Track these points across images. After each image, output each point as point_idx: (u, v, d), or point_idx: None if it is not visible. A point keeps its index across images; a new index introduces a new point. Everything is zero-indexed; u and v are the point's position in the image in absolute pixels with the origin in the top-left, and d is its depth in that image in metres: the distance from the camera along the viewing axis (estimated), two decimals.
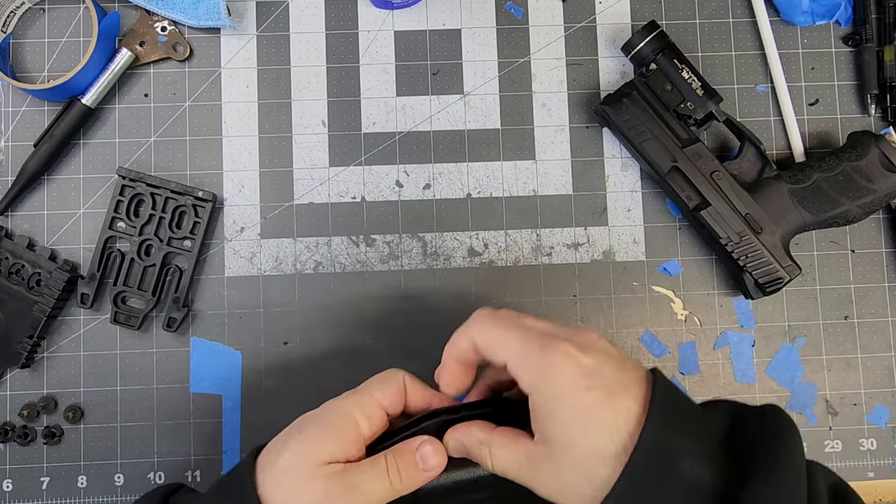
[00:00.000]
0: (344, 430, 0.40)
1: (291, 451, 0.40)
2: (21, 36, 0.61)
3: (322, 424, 0.41)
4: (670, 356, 0.60)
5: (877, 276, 0.61)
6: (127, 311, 0.58)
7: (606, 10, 0.62)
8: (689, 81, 0.57)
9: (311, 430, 0.41)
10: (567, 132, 0.62)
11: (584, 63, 0.62)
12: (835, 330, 0.61)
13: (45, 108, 0.60)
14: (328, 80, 0.61)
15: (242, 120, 0.61)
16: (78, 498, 0.58)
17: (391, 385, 0.43)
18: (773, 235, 0.57)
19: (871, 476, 0.60)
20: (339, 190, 0.61)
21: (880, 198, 0.57)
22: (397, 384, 0.43)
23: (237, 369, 0.59)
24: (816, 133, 0.62)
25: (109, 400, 0.59)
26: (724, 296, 0.61)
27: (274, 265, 0.60)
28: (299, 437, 0.40)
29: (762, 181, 0.58)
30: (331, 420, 0.41)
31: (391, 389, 0.42)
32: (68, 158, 0.60)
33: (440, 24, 0.62)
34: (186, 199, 0.58)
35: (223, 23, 0.60)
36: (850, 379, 0.61)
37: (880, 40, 0.61)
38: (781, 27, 0.63)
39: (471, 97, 0.62)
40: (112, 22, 0.59)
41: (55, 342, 0.59)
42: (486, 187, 0.61)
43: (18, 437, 0.58)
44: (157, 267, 0.58)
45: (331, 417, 0.41)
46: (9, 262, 0.58)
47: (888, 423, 0.60)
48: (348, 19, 0.62)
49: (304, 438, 0.40)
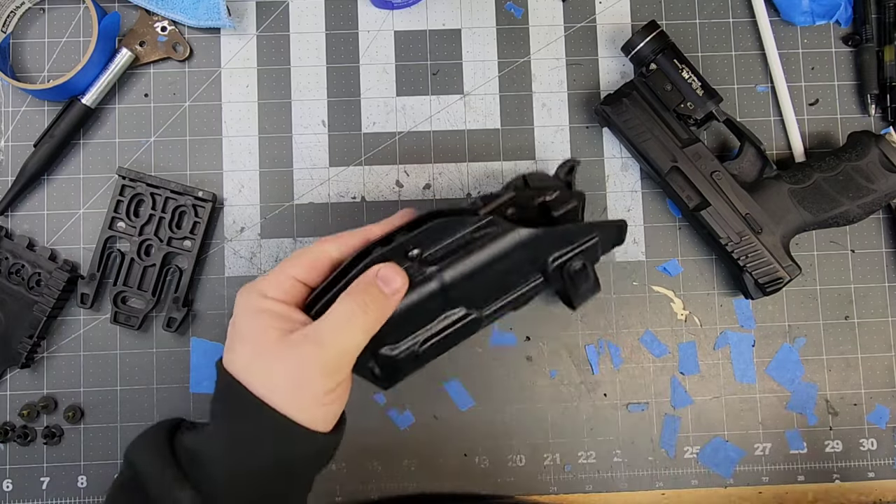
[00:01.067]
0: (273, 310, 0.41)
1: (243, 351, 0.40)
2: (21, 36, 0.61)
3: (249, 319, 0.41)
4: (670, 356, 0.60)
5: (877, 276, 0.61)
6: (127, 311, 0.58)
7: (606, 10, 0.62)
8: (689, 81, 0.57)
9: (243, 326, 0.41)
10: (567, 132, 0.62)
11: (584, 63, 0.62)
12: (835, 330, 0.61)
13: (45, 108, 0.60)
14: (328, 80, 0.61)
15: (242, 120, 0.61)
16: (78, 498, 0.58)
17: (305, 257, 0.43)
18: (773, 235, 0.57)
19: (871, 476, 0.60)
20: (339, 190, 0.61)
21: (880, 198, 0.57)
22: (312, 255, 0.43)
23: None
24: (816, 133, 0.62)
25: (109, 400, 0.59)
26: (724, 296, 0.61)
27: (274, 265, 0.60)
28: (238, 336, 0.41)
29: (762, 181, 0.58)
30: (252, 312, 0.42)
31: (304, 261, 0.43)
32: (68, 158, 0.60)
33: (440, 24, 0.62)
34: (186, 199, 0.58)
35: (223, 23, 0.60)
36: (850, 379, 0.61)
37: (880, 40, 0.61)
38: (781, 27, 0.63)
39: (471, 97, 0.62)
40: (112, 22, 0.59)
41: (55, 342, 0.59)
42: (486, 187, 0.61)
43: (18, 437, 0.58)
44: (157, 267, 0.58)
45: (252, 312, 0.42)
46: (9, 262, 0.58)
47: (888, 423, 0.60)
48: (348, 19, 0.62)
49: (241, 334, 0.41)
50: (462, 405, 0.60)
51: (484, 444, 0.59)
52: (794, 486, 0.60)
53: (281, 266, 0.43)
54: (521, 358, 0.60)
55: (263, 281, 0.43)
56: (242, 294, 0.43)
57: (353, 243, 0.44)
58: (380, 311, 0.41)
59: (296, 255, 0.43)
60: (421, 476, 0.59)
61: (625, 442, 0.60)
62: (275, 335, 0.40)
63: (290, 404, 0.39)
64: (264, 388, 0.39)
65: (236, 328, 0.42)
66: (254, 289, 0.42)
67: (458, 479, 0.59)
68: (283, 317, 0.41)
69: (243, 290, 0.43)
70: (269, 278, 0.43)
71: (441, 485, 0.59)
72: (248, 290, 0.43)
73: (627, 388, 0.60)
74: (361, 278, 0.41)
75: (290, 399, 0.39)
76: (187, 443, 0.41)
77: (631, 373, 0.60)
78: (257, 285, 0.42)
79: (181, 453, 0.40)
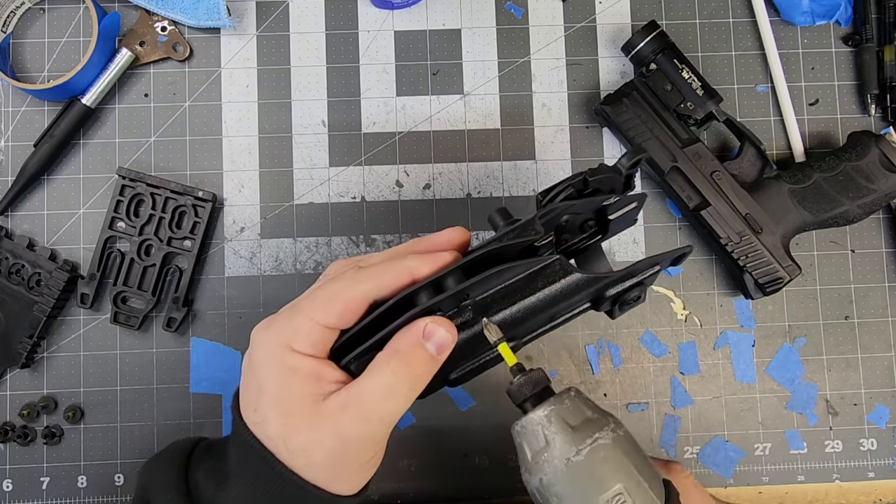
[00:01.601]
0: (296, 373, 0.36)
1: (274, 418, 0.36)
2: (21, 36, 0.61)
3: (277, 378, 0.37)
4: (670, 356, 0.60)
5: (877, 276, 0.61)
6: (127, 311, 0.58)
7: (606, 10, 0.62)
8: (689, 81, 0.57)
9: (270, 386, 0.36)
10: (567, 132, 0.62)
11: (584, 63, 0.62)
12: (835, 330, 0.61)
13: (45, 108, 0.60)
14: (328, 80, 0.61)
15: (242, 120, 0.61)
16: (78, 498, 0.58)
17: (337, 303, 0.36)
18: (773, 235, 0.57)
19: (871, 476, 0.60)
20: (339, 190, 0.61)
21: (880, 198, 0.57)
22: (346, 298, 0.36)
23: (237, 369, 0.59)
24: (816, 133, 0.62)
25: (109, 400, 0.59)
26: (724, 296, 0.61)
27: (274, 265, 0.60)
28: (266, 398, 0.37)
29: (762, 181, 0.58)
30: (279, 370, 0.37)
31: (337, 308, 0.36)
32: (68, 158, 0.60)
33: (440, 24, 0.62)
34: (186, 199, 0.58)
35: (223, 23, 0.60)
36: (850, 379, 0.61)
37: (880, 40, 0.61)
38: (781, 27, 0.63)
39: (471, 97, 0.62)
40: (112, 22, 0.59)
41: (55, 342, 0.59)
42: (486, 187, 0.61)
43: (18, 437, 0.58)
44: (157, 267, 0.58)
45: (279, 371, 0.37)
46: (9, 262, 0.58)
47: (888, 423, 0.60)
48: (348, 19, 0.62)
49: (270, 396, 0.36)
50: (462, 405, 0.60)
51: (484, 444, 0.59)
52: (794, 486, 0.60)
53: (309, 307, 0.37)
54: (522, 358, 0.60)
55: (288, 328, 0.37)
56: (264, 342, 0.37)
57: (395, 285, 0.37)
58: (427, 374, 0.37)
59: (326, 296, 0.37)
60: (421, 476, 0.59)
61: None
62: (309, 402, 0.36)
63: (327, 479, 0.37)
64: (299, 462, 0.36)
65: (261, 386, 0.37)
66: (278, 338, 0.37)
67: (458, 479, 0.59)
68: (316, 377, 0.36)
69: (264, 335, 0.37)
70: (297, 326, 0.37)
71: (441, 485, 0.59)
72: (271, 337, 0.37)
73: (627, 388, 0.60)
74: (407, 336, 0.36)
75: (328, 474, 0.37)
76: (207, 496, 0.37)
77: (631, 373, 0.60)
78: (282, 334, 0.37)
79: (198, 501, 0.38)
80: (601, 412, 0.36)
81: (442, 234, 0.40)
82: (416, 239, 0.41)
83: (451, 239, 0.40)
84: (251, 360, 0.38)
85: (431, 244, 0.40)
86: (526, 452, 0.35)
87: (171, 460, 0.40)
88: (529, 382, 0.36)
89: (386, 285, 0.37)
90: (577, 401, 0.35)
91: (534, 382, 0.36)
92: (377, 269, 0.37)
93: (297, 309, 0.37)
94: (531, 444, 0.35)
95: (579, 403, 0.35)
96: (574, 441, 0.33)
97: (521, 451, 0.35)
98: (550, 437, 0.34)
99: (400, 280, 0.37)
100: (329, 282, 0.38)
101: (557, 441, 0.34)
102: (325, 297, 0.37)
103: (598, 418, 0.35)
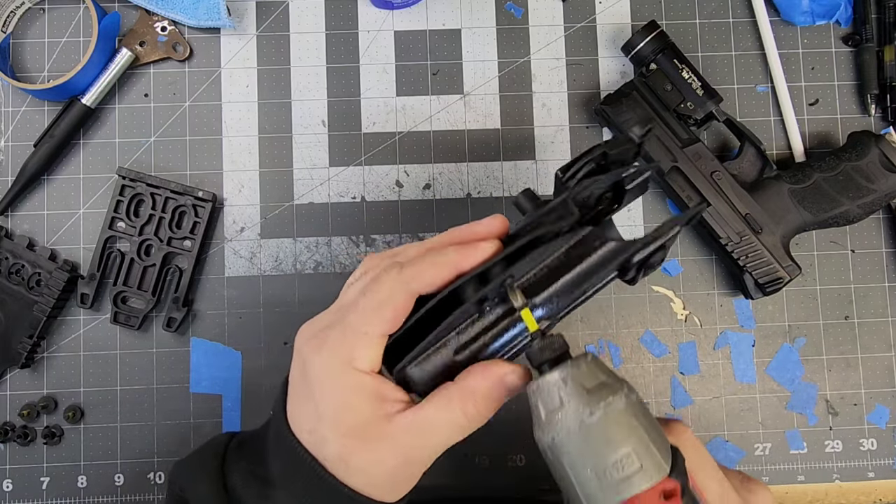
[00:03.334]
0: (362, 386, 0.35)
1: (334, 439, 0.36)
2: (21, 36, 0.61)
3: (338, 397, 0.36)
4: (670, 356, 0.60)
5: (877, 276, 0.61)
6: (127, 311, 0.58)
7: (606, 10, 0.62)
8: (689, 81, 0.57)
9: (331, 406, 0.36)
10: (567, 132, 0.62)
11: (584, 63, 0.62)
12: (835, 330, 0.61)
13: (45, 108, 0.60)
14: (328, 80, 0.61)
15: (242, 120, 0.61)
16: (78, 498, 0.58)
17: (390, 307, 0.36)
18: (773, 235, 0.57)
19: (871, 476, 0.60)
20: (339, 190, 0.61)
21: (880, 198, 0.57)
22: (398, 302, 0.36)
23: (237, 369, 0.59)
24: (816, 133, 0.62)
25: (109, 400, 0.59)
26: (724, 296, 0.61)
27: (274, 265, 0.60)
28: (326, 418, 0.36)
29: (762, 181, 0.58)
30: (341, 389, 0.36)
31: (390, 313, 0.36)
32: (68, 158, 0.60)
33: (440, 24, 0.62)
34: (186, 199, 0.58)
35: (223, 23, 0.60)
36: (850, 379, 0.61)
37: (880, 40, 0.61)
38: (781, 27, 0.63)
39: (471, 97, 0.62)
40: (112, 22, 0.59)
41: (55, 342, 0.59)
42: (486, 187, 0.61)
43: (18, 437, 0.58)
44: (157, 267, 0.58)
45: (340, 389, 0.36)
46: (9, 262, 0.58)
47: (888, 423, 0.60)
48: (348, 19, 0.62)
49: (331, 418, 0.36)
50: None
51: (484, 445, 0.59)
52: (794, 486, 0.60)
53: (362, 321, 0.36)
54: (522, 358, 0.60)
55: (345, 345, 0.36)
56: (321, 362, 0.36)
57: (440, 281, 0.36)
58: (488, 414, 0.37)
59: (376, 305, 0.36)
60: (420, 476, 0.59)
61: None
62: (373, 423, 0.35)
63: (382, 493, 0.36)
64: (358, 480, 0.36)
65: (321, 407, 0.36)
66: (336, 357, 0.36)
67: (459, 479, 0.59)
68: (380, 397, 0.36)
69: (319, 354, 0.36)
70: (354, 343, 0.36)
71: (441, 485, 0.59)
72: (328, 356, 0.36)
73: None
74: (484, 379, 0.36)
75: (384, 490, 0.36)
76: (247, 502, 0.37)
77: (631, 373, 0.60)
78: (340, 352, 0.36)
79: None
80: (616, 377, 0.36)
81: (481, 224, 0.39)
82: (454, 229, 0.39)
83: (490, 229, 0.39)
84: (307, 379, 0.36)
85: (471, 234, 0.38)
86: (540, 411, 0.35)
87: (207, 461, 0.39)
88: (549, 346, 0.36)
89: (432, 282, 0.36)
90: (593, 365, 0.36)
91: (554, 346, 0.36)
92: (421, 266, 0.36)
93: (349, 324, 0.36)
94: (546, 403, 0.35)
95: (595, 368, 0.36)
96: (588, 403, 0.34)
97: (536, 410, 0.36)
98: (565, 398, 0.35)
99: (445, 275, 0.36)
100: (374, 286, 0.36)
101: (572, 402, 0.34)
102: (375, 305, 0.36)
103: (612, 382, 0.35)
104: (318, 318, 0.38)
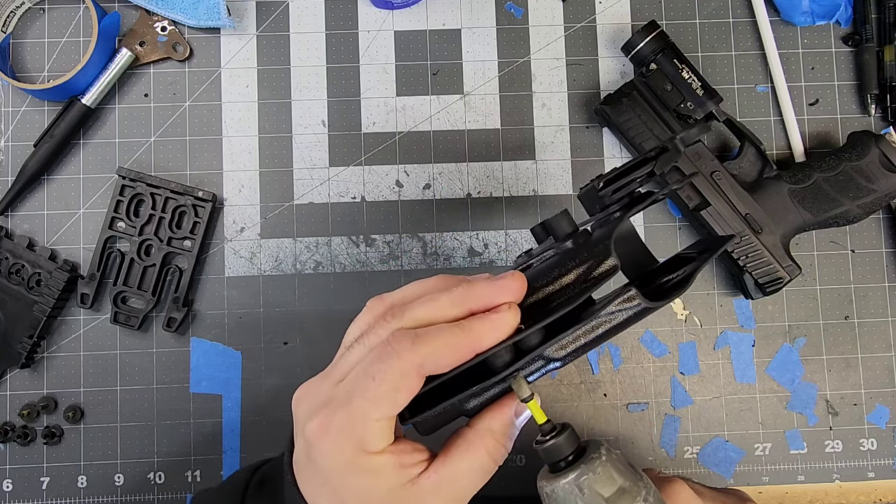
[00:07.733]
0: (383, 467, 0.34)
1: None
2: (21, 36, 0.61)
3: (355, 482, 0.34)
4: (670, 356, 0.60)
5: (877, 276, 0.61)
6: (127, 311, 0.58)
7: (606, 10, 0.62)
8: (689, 81, 0.57)
9: (348, 493, 0.35)
10: (567, 132, 0.62)
11: (584, 63, 0.62)
12: (835, 330, 0.61)
13: (45, 108, 0.60)
14: (328, 80, 0.61)
15: (242, 120, 0.61)
16: (78, 498, 0.58)
17: (404, 389, 0.33)
18: (773, 235, 0.57)
19: (872, 476, 0.60)
20: (339, 190, 0.61)
21: (880, 198, 0.57)
22: (412, 382, 0.33)
23: (237, 369, 0.59)
24: (816, 133, 0.62)
25: (109, 400, 0.59)
26: (724, 296, 0.61)
27: (274, 265, 0.60)
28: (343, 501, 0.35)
29: (762, 181, 0.58)
30: (356, 473, 0.34)
31: (404, 395, 0.33)
32: (68, 158, 0.60)
33: (440, 24, 0.62)
34: (186, 199, 0.58)
35: (223, 23, 0.60)
36: (850, 379, 0.61)
37: (880, 40, 0.61)
38: (781, 27, 0.63)
39: (471, 97, 0.62)
40: (112, 22, 0.59)
41: (55, 342, 0.59)
42: (486, 187, 0.61)
43: (18, 437, 0.58)
44: (157, 267, 0.58)
45: (355, 474, 0.34)
46: (9, 262, 0.58)
47: (888, 423, 0.60)
48: (348, 19, 0.62)
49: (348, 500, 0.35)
50: None
51: None
52: (794, 486, 0.60)
53: (371, 407, 0.33)
54: None
55: (354, 431, 0.33)
56: (330, 449, 0.34)
57: (457, 361, 0.34)
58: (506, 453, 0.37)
59: (387, 390, 0.33)
60: None
61: (625, 442, 0.60)
62: (398, 491, 0.34)
63: None
64: None
65: (339, 493, 0.34)
66: (346, 443, 0.33)
67: None
68: (400, 467, 0.34)
69: (326, 439, 0.34)
70: (364, 429, 0.33)
71: None
72: (337, 442, 0.34)
73: (627, 388, 0.60)
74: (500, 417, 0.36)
75: None
76: None
77: (631, 373, 0.60)
78: (350, 438, 0.33)
79: None
80: (633, 477, 0.35)
81: (497, 288, 0.35)
82: (469, 283, 0.35)
83: (509, 292, 0.35)
84: (317, 465, 0.34)
85: (490, 300, 0.35)
86: None
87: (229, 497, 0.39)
88: (558, 447, 0.35)
89: (447, 365, 0.34)
90: (608, 467, 0.35)
91: (565, 445, 0.36)
92: (436, 344, 0.33)
93: (357, 410, 0.33)
94: None
95: (611, 470, 0.35)
96: None
97: None
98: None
99: (462, 358, 0.34)
100: (382, 366, 0.33)
101: None
102: (385, 392, 0.33)
103: (630, 487, 0.35)
104: (316, 387, 0.36)
